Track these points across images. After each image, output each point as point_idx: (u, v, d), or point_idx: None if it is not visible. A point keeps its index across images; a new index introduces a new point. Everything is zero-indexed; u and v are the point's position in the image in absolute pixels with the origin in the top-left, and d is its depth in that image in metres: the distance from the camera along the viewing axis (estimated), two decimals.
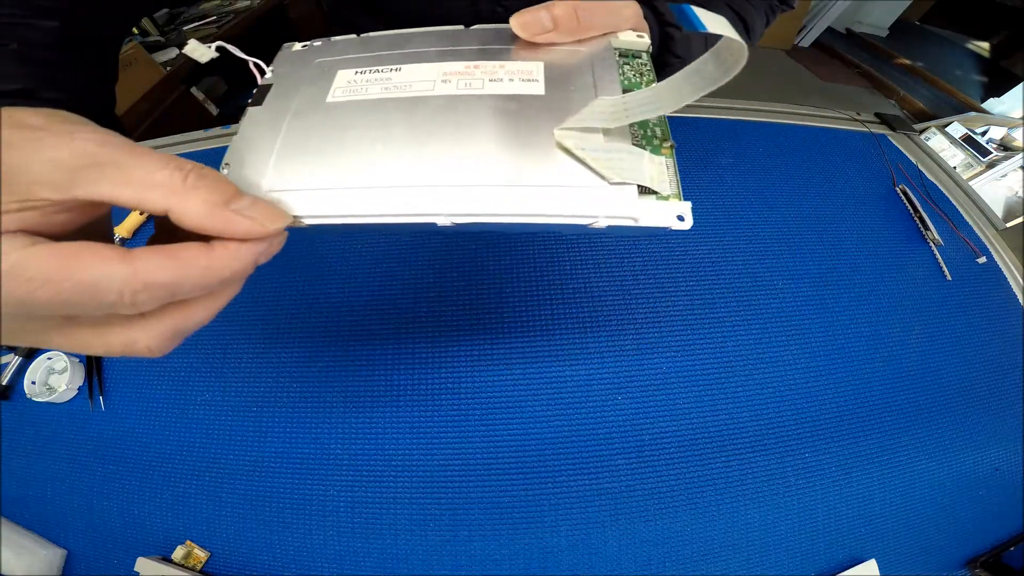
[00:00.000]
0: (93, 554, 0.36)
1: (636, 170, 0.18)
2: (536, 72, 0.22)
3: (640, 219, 0.17)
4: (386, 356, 0.40)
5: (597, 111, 0.19)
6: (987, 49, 2.39)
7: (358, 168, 0.19)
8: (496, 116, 0.20)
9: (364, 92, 0.21)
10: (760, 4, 0.40)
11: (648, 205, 0.18)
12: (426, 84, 0.21)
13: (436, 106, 0.21)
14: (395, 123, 0.20)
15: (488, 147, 0.19)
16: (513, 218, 0.17)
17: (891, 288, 0.45)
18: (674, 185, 0.19)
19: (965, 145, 1.26)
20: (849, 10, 2.45)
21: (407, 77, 0.22)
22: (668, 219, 0.18)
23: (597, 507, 0.34)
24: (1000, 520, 0.37)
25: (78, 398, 0.40)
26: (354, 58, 0.24)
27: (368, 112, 0.21)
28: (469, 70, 0.22)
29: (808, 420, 0.38)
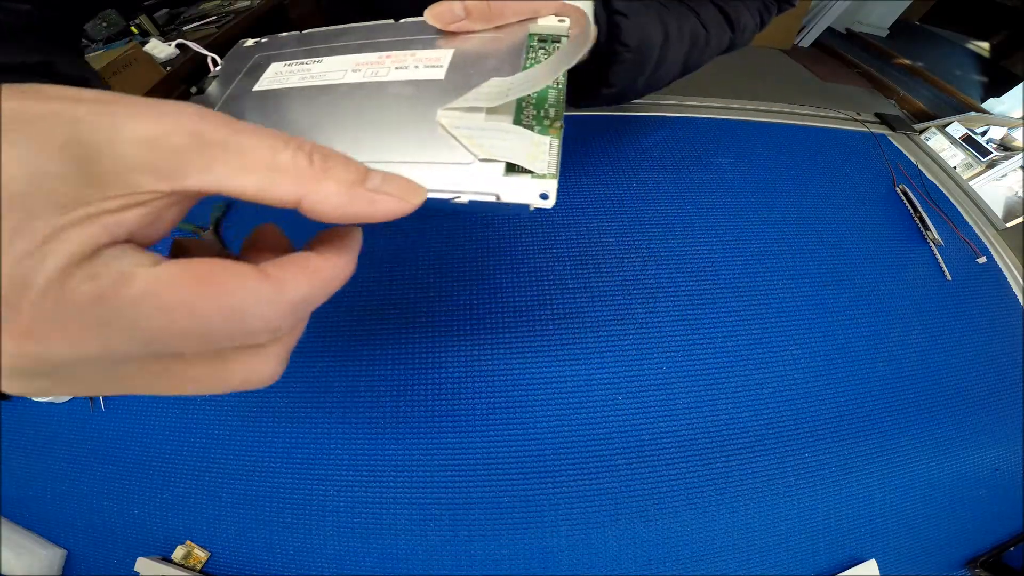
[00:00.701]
0: (93, 554, 0.36)
1: (506, 148, 0.19)
2: (443, 59, 0.23)
3: (502, 195, 0.18)
4: (386, 356, 0.40)
5: (483, 92, 0.20)
6: (987, 49, 2.39)
7: None
8: (391, 100, 0.21)
9: (285, 82, 0.23)
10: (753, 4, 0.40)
11: (511, 182, 0.18)
12: (337, 74, 0.23)
13: (339, 93, 0.22)
14: (297, 109, 0.22)
15: (377, 130, 0.20)
16: None
17: (891, 288, 0.45)
18: (551, 166, 0.19)
19: (965, 145, 1.26)
20: (849, 10, 2.45)
21: (324, 68, 0.24)
22: (530, 196, 0.18)
23: (597, 507, 0.34)
24: (1000, 520, 0.37)
25: (78, 398, 0.40)
26: (290, 51, 0.26)
27: (280, 100, 0.23)
28: (380, 60, 0.23)
29: (808, 420, 0.38)
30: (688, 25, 0.35)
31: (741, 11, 0.39)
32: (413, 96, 0.21)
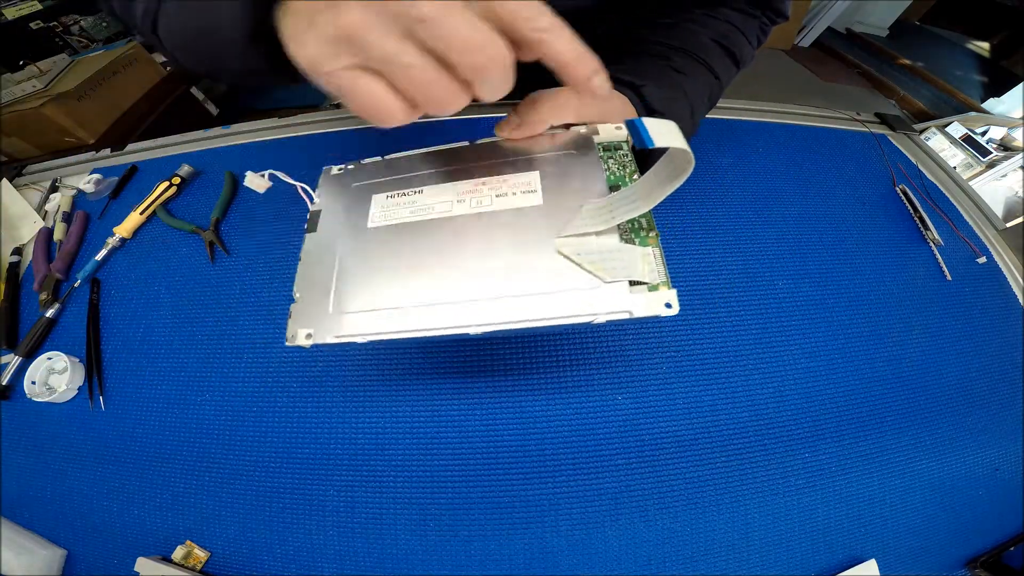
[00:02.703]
0: (93, 554, 0.36)
1: (626, 267, 0.21)
2: (534, 182, 0.25)
3: (634, 311, 0.20)
4: (386, 356, 0.40)
5: (587, 217, 0.22)
6: (987, 49, 2.39)
7: (403, 289, 0.23)
8: (506, 230, 0.23)
9: (396, 215, 0.25)
10: (750, 28, 0.40)
11: (638, 298, 0.20)
12: (444, 205, 0.25)
13: (456, 228, 0.24)
14: (425, 248, 0.24)
15: (502, 261, 0.23)
16: (529, 323, 0.21)
17: (891, 288, 0.45)
18: (661, 273, 0.21)
19: (965, 145, 1.26)
20: (849, 10, 2.45)
21: (429, 199, 0.25)
22: (657, 308, 0.20)
23: (597, 507, 0.34)
24: (1000, 520, 0.37)
25: (78, 398, 0.40)
26: (383, 181, 0.27)
27: (402, 235, 0.24)
28: (477, 187, 0.25)
29: (808, 420, 0.38)
30: (706, 88, 0.37)
31: (743, 44, 0.40)
32: (523, 224, 0.24)
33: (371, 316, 0.22)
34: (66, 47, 1.50)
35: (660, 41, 0.38)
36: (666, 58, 0.36)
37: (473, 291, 0.22)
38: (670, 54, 0.36)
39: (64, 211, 0.52)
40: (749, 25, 0.40)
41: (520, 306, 0.21)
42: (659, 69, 0.35)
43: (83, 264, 0.47)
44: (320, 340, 0.22)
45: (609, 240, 0.22)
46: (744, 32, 0.40)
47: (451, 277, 0.22)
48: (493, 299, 0.22)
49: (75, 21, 1.50)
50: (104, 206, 0.52)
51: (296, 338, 0.22)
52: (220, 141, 0.57)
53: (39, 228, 0.51)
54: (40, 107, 1.27)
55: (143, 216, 0.49)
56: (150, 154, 0.59)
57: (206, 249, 0.46)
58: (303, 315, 0.23)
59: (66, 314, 0.45)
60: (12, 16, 1.38)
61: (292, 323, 0.23)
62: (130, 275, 0.46)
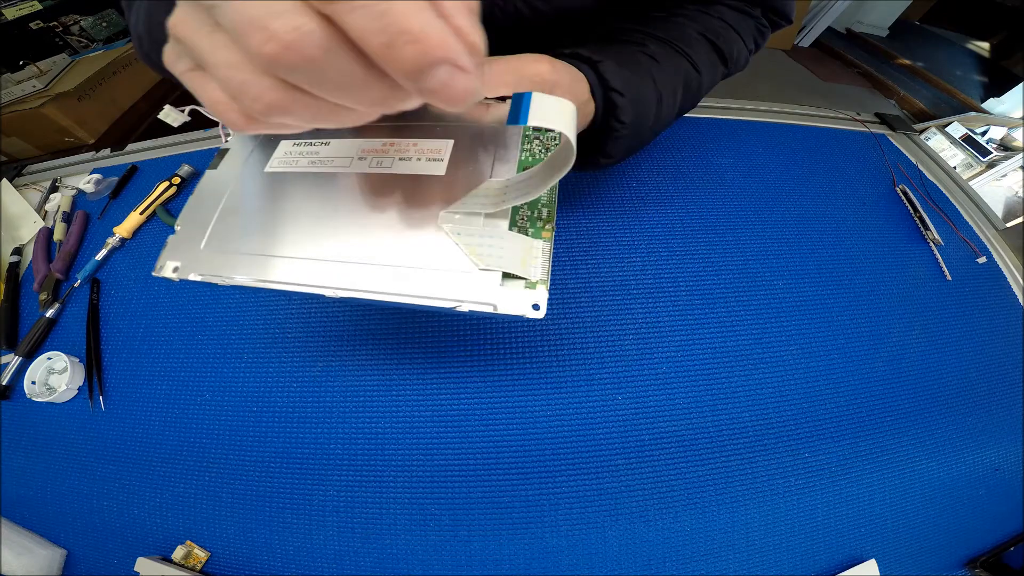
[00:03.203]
0: (93, 554, 0.36)
1: (504, 257, 0.20)
2: (444, 151, 0.24)
3: (499, 306, 0.19)
4: (386, 356, 0.40)
5: (480, 195, 0.21)
6: (987, 49, 2.39)
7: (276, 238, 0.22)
8: (397, 195, 0.22)
9: (295, 164, 0.25)
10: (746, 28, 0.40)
11: (507, 293, 0.19)
12: (344, 160, 0.24)
13: (347, 184, 0.23)
14: (306, 194, 0.23)
15: (383, 227, 0.22)
16: (387, 297, 0.20)
17: (891, 288, 0.45)
18: (542, 271, 0.20)
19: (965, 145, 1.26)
20: (849, 10, 2.45)
21: (331, 151, 0.24)
22: (523, 308, 0.19)
23: (597, 507, 0.34)
24: (1000, 520, 0.37)
25: (78, 398, 0.40)
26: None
27: (294, 184, 0.24)
28: (384, 147, 0.24)
29: (808, 420, 0.38)
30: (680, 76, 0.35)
31: (734, 43, 0.39)
32: (415, 191, 0.22)
33: (238, 259, 0.22)
34: (66, 47, 1.50)
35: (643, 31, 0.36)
36: (642, 45, 0.34)
37: (344, 252, 0.21)
38: (647, 42, 0.34)
39: (64, 211, 0.52)
40: (744, 24, 0.39)
41: (385, 277, 0.20)
42: (628, 52, 0.33)
43: (83, 264, 0.47)
44: (184, 275, 0.22)
45: (497, 225, 0.21)
46: (738, 31, 0.39)
47: (327, 234, 0.22)
48: (360, 264, 0.21)
49: (75, 21, 1.50)
50: (104, 206, 0.52)
51: (164, 269, 0.22)
52: (219, 142, 0.57)
53: (39, 228, 0.51)
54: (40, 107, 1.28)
55: (143, 216, 0.49)
56: (150, 154, 0.59)
57: None
58: (177, 248, 0.23)
59: (66, 314, 0.45)
60: (12, 16, 1.38)
61: (164, 254, 0.22)
62: (130, 275, 0.46)
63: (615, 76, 0.30)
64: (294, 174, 0.24)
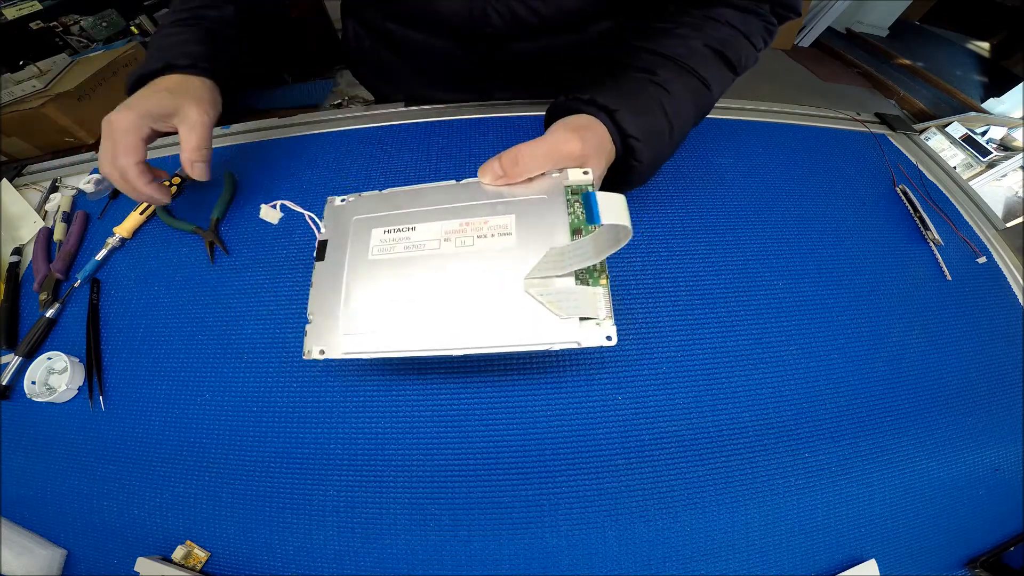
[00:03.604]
0: (93, 554, 0.36)
1: (578, 306, 0.26)
2: (509, 225, 0.29)
3: (581, 342, 0.25)
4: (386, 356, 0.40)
5: (548, 262, 0.27)
6: (987, 49, 2.39)
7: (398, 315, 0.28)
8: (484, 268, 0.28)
9: (392, 250, 0.30)
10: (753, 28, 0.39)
11: (585, 331, 0.25)
12: (434, 244, 0.29)
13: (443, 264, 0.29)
14: (417, 280, 0.29)
15: (479, 294, 0.27)
16: (499, 348, 0.26)
17: (891, 288, 0.45)
18: (607, 310, 0.26)
19: (965, 145, 1.26)
20: (849, 10, 2.45)
21: (420, 236, 0.30)
22: (599, 339, 0.25)
23: (597, 507, 0.34)
24: (1000, 520, 0.37)
25: (78, 398, 0.40)
26: (381, 215, 0.32)
27: (398, 268, 0.29)
28: (462, 227, 0.30)
29: (808, 420, 0.38)
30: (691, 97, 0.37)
31: (742, 48, 0.39)
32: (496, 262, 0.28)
33: (372, 337, 0.27)
34: (66, 47, 1.50)
35: (649, 49, 0.37)
36: (651, 71, 0.36)
37: (456, 320, 0.27)
38: (656, 67, 0.36)
39: (64, 211, 0.52)
40: (751, 25, 0.39)
41: (493, 334, 0.26)
42: (639, 86, 0.36)
43: (83, 264, 0.47)
44: (331, 355, 0.28)
45: (567, 281, 0.27)
46: (746, 34, 0.39)
47: (438, 307, 0.27)
48: (472, 327, 0.26)
49: (75, 21, 1.50)
50: (104, 206, 0.52)
51: (311, 353, 0.28)
52: (220, 141, 0.57)
53: (39, 228, 0.51)
54: (40, 107, 1.27)
55: (143, 216, 0.49)
56: (150, 154, 0.58)
57: (206, 249, 0.46)
58: (316, 334, 0.28)
59: (66, 314, 0.45)
60: (12, 16, 1.38)
61: (308, 340, 0.28)
62: (130, 275, 0.47)
63: (632, 124, 0.33)
64: (395, 261, 0.29)
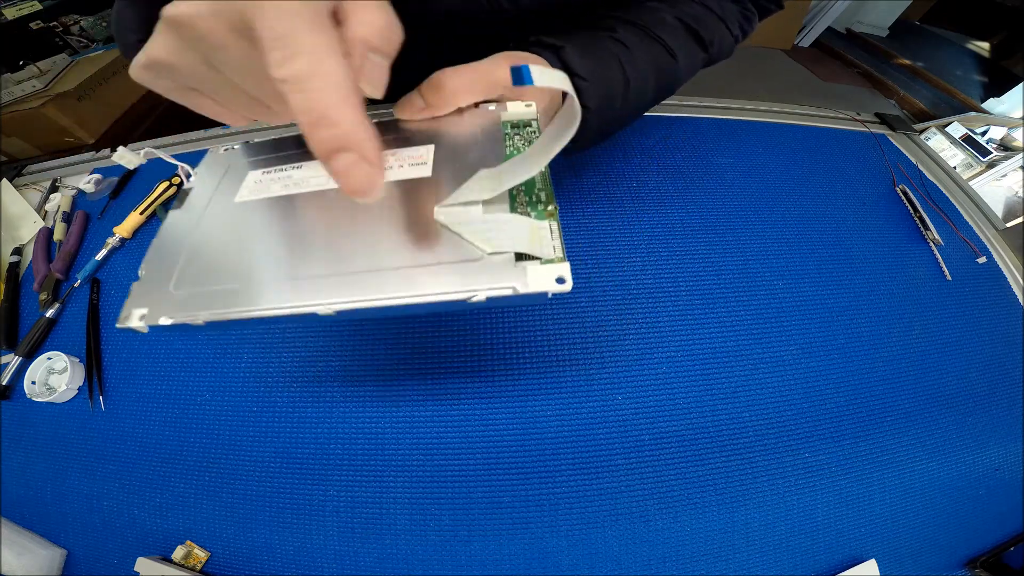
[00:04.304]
0: (93, 554, 0.36)
1: (512, 238, 0.18)
2: (426, 155, 0.23)
3: (519, 287, 0.17)
4: (386, 356, 0.40)
5: (474, 184, 0.20)
6: (987, 49, 2.39)
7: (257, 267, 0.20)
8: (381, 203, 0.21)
9: (267, 191, 0.23)
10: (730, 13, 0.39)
11: (526, 272, 0.18)
12: (320, 179, 0.23)
13: (327, 200, 0.22)
14: (286, 219, 0.22)
15: (374, 237, 0.20)
16: (390, 301, 0.17)
17: (891, 288, 0.45)
18: (557, 248, 0.18)
19: (965, 145, 1.26)
20: (849, 10, 2.45)
21: (305, 173, 0.23)
22: (547, 283, 0.17)
23: (597, 507, 0.34)
24: (1000, 520, 0.37)
25: (78, 398, 0.40)
26: (265, 158, 0.25)
27: (268, 210, 0.22)
28: None
29: (808, 420, 0.38)
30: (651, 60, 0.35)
31: (716, 28, 0.38)
32: (403, 196, 0.21)
33: (214, 295, 0.19)
34: (66, 47, 1.50)
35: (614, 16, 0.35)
36: (611, 30, 0.33)
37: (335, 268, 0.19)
38: (617, 27, 0.34)
39: (64, 211, 0.52)
40: (727, 10, 0.38)
41: (383, 283, 0.18)
42: (594, 38, 0.33)
43: (83, 264, 0.47)
44: (153, 322, 0.19)
45: (497, 211, 0.20)
46: (721, 16, 0.38)
47: (314, 254, 0.20)
48: (355, 275, 0.18)
49: (75, 21, 1.50)
50: (104, 206, 0.52)
51: (129, 319, 0.19)
52: (220, 141, 0.57)
53: (39, 228, 0.51)
54: (40, 107, 1.27)
55: (143, 216, 0.49)
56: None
57: None
58: (142, 295, 0.20)
59: (66, 314, 0.45)
60: (12, 16, 1.38)
61: (128, 303, 0.19)
62: (130, 275, 0.46)
63: (578, 63, 0.30)
64: (269, 201, 0.23)
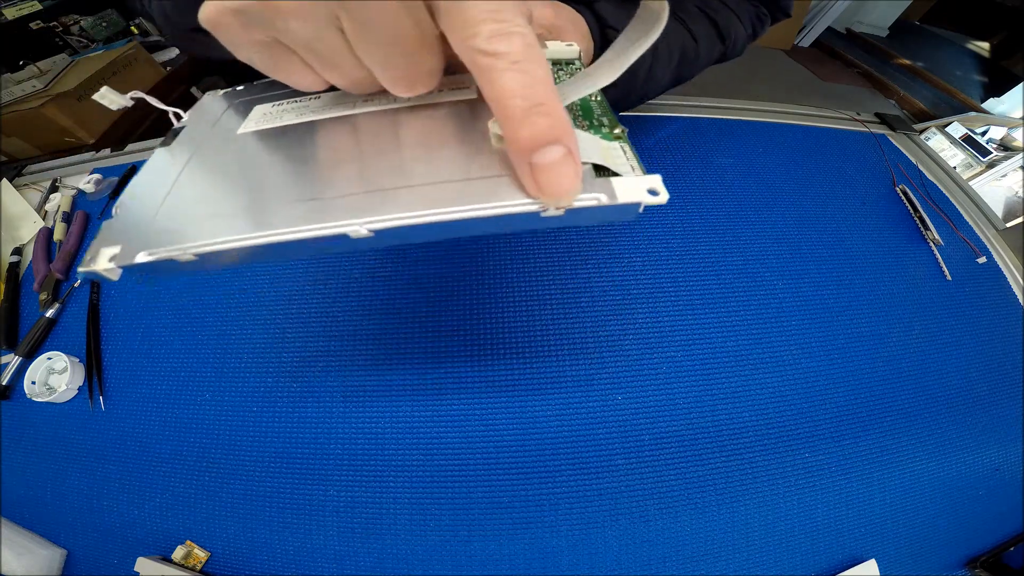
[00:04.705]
0: (93, 554, 0.36)
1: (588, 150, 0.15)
2: (467, 80, 0.20)
3: (603, 199, 0.14)
4: (386, 356, 0.40)
5: None
6: (987, 49, 2.39)
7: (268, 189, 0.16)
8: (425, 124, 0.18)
9: (279, 120, 0.19)
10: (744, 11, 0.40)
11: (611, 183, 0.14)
12: (346, 106, 0.19)
13: (355, 125, 0.18)
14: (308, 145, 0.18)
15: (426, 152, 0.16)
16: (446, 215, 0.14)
17: (891, 288, 0.45)
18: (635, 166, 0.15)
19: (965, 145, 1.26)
20: (849, 10, 2.45)
21: (326, 102, 0.20)
22: (638, 193, 0.14)
23: (597, 507, 0.34)
24: (1000, 520, 0.37)
25: (78, 398, 0.40)
26: (276, 94, 0.22)
27: (281, 137, 0.18)
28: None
29: (808, 420, 0.38)
30: (678, 40, 0.35)
31: (732, 22, 0.39)
32: (446, 116, 0.18)
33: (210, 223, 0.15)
34: (66, 47, 1.49)
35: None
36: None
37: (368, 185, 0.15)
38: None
39: (64, 211, 0.52)
40: (743, 8, 0.39)
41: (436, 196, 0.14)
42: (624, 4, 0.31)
43: None
44: (128, 260, 0.15)
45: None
46: (737, 13, 0.39)
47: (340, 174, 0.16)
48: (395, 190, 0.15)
49: (75, 21, 1.50)
50: (104, 206, 0.52)
51: (96, 260, 0.14)
52: None
53: (39, 228, 0.51)
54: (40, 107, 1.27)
55: None
56: (150, 154, 0.59)
57: None
58: (116, 231, 0.15)
59: (66, 314, 0.45)
60: (12, 16, 1.38)
61: (96, 243, 0.15)
62: (130, 275, 0.46)
63: (612, 14, 0.29)
64: (282, 129, 0.19)
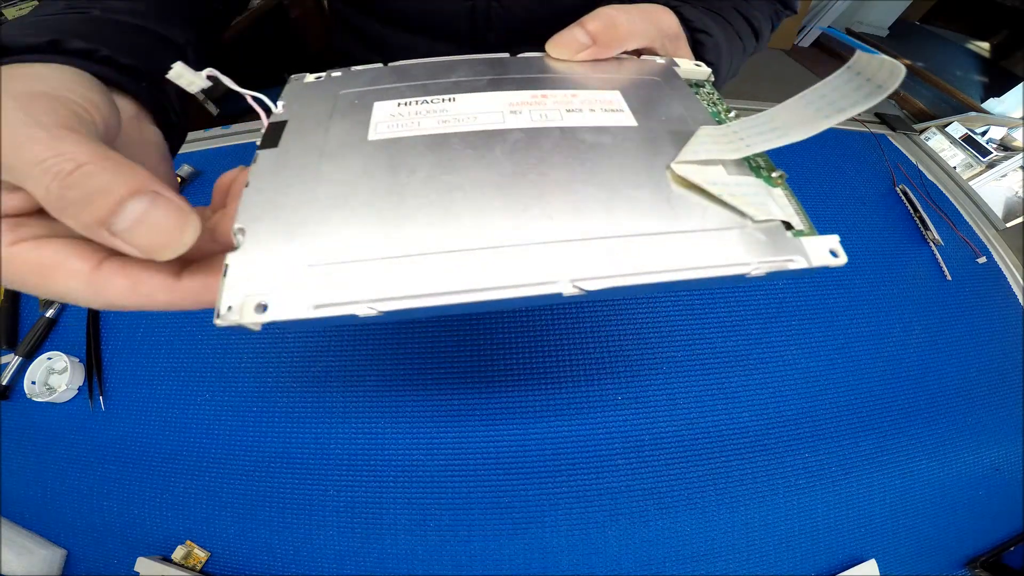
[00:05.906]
0: (93, 554, 0.36)
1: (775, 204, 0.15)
2: (617, 102, 0.19)
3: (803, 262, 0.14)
4: (387, 356, 0.40)
5: (710, 141, 0.17)
6: (987, 49, 2.39)
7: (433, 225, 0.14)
8: (591, 152, 0.16)
9: (416, 127, 0.17)
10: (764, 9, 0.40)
11: (802, 244, 0.15)
12: (493, 116, 0.18)
13: (515, 141, 0.17)
14: (468, 164, 0.16)
15: (593, 190, 0.15)
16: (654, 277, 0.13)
17: (891, 288, 0.45)
18: (803, 218, 0.16)
19: (965, 145, 1.26)
20: (849, 10, 2.44)
21: (466, 108, 0.18)
22: (824, 256, 0.15)
23: (597, 507, 0.34)
24: (1000, 520, 0.37)
25: (78, 398, 0.40)
26: (389, 88, 0.19)
27: (427, 151, 0.16)
28: (537, 99, 0.18)
29: (808, 420, 0.38)
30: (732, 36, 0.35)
31: (762, 21, 0.39)
32: (613, 147, 0.17)
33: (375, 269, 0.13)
34: None
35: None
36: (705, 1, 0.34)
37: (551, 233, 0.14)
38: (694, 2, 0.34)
39: None
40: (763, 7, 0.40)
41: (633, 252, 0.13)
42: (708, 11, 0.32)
43: None
44: (283, 315, 0.12)
45: (742, 174, 0.16)
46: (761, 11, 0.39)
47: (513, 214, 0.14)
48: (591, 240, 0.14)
49: None
50: None
51: (241, 312, 0.12)
52: (220, 141, 0.57)
53: None
54: None
55: None
56: None
57: None
58: (250, 272, 0.13)
59: (66, 314, 0.45)
60: (12, 16, 1.38)
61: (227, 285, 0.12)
62: None
63: (697, 18, 0.30)
64: (423, 140, 0.16)
